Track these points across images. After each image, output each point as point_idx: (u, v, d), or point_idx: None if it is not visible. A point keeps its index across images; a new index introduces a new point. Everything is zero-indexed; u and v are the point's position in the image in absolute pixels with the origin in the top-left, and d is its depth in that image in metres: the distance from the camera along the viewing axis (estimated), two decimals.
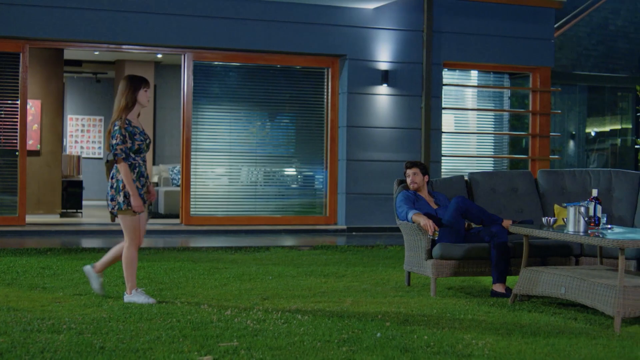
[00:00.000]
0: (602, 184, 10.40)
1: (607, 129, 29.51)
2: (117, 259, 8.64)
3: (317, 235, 15.47)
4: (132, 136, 8.22)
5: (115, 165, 8.24)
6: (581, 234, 8.17)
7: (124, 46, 15.59)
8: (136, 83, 8.31)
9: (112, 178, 8.29)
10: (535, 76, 17.55)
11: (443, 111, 16.82)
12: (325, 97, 16.33)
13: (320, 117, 16.34)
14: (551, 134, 18.01)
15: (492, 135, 17.81)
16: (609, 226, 8.73)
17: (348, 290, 9.54)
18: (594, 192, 8.68)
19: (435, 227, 9.21)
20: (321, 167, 16.35)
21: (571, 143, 28.21)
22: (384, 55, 16.14)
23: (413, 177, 9.84)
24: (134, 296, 8.27)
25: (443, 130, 16.77)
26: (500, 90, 17.94)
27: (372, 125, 16.07)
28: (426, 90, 16.14)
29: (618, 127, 28.87)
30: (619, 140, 28.06)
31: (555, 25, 28.52)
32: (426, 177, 9.99)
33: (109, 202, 8.31)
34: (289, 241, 14.42)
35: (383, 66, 16.13)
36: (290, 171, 16.58)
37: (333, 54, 16.11)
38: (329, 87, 16.27)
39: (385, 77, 16.05)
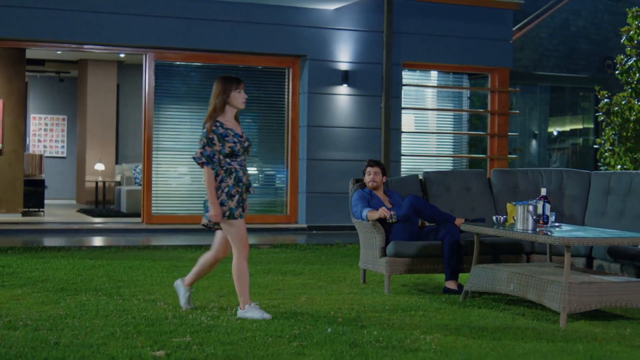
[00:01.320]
0: (554, 183, 10.62)
1: (569, 128, 29.85)
2: (205, 270, 8.16)
3: (277, 233, 15.62)
4: (222, 138, 7.73)
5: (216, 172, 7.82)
6: (529, 232, 8.38)
7: (85, 46, 15.68)
8: (227, 85, 7.89)
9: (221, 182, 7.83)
10: (494, 77, 17.79)
11: (403, 111, 17.02)
12: (286, 97, 16.48)
13: (282, 117, 16.50)
14: (509, 133, 18.25)
15: (452, 134, 18.02)
16: (557, 224, 8.95)
17: (304, 287, 9.70)
18: (543, 191, 8.89)
19: (391, 212, 9.45)
20: (282, 166, 16.51)
21: (533, 142, 28.52)
22: (344, 55, 16.32)
23: (374, 176, 10.01)
24: (248, 311, 7.68)
25: (403, 130, 16.97)
26: (459, 91, 18.16)
27: (333, 125, 16.24)
28: (386, 91, 16.32)
29: (580, 126, 29.21)
30: (580, 140, 28.37)
31: (517, 26, 28.85)
32: (384, 177, 10.18)
33: (205, 214, 7.93)
34: (249, 240, 14.52)
35: (343, 66, 16.31)
36: (253, 170, 16.71)
37: (294, 55, 16.27)
38: (290, 87, 16.43)
39: (345, 77, 16.23)
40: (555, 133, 29.71)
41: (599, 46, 30.02)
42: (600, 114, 19.02)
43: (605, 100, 18.63)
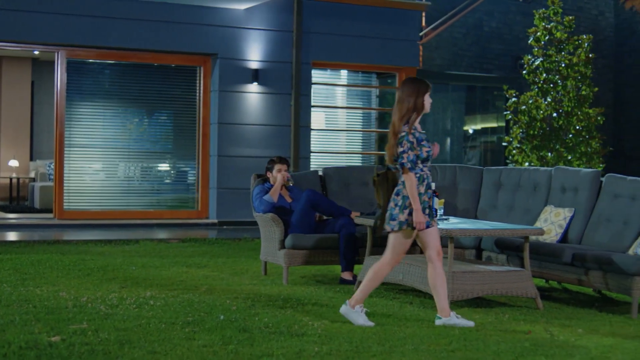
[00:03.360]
0: (448, 179, 11.10)
1: (483, 127, 30.51)
2: (380, 279, 7.74)
3: (188, 229, 15.89)
4: (419, 143, 7.43)
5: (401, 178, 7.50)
6: None
7: None
8: (422, 88, 7.49)
9: (396, 194, 7.52)
10: (402, 76, 18.26)
11: (312, 109, 17.40)
12: (197, 94, 16.76)
13: (193, 114, 16.78)
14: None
15: (361, 132, 18.46)
16: (446, 217, 9.40)
17: (206, 279, 10.03)
18: (432, 185, 9.31)
19: (287, 175, 9.93)
20: (194, 162, 16.78)
21: (449, 140, 29.10)
22: (254, 54, 16.65)
23: (284, 173, 10.35)
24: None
25: (312, 127, 17.34)
26: (368, 89, 18.60)
27: (243, 122, 16.56)
28: (295, 89, 16.70)
29: (494, 125, 29.86)
30: (495, 138, 28.98)
31: (432, 26, 29.44)
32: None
33: (389, 222, 7.52)
34: (160, 234, 14.82)
35: (254, 65, 16.63)
36: (165, 167, 16.97)
37: (205, 53, 16.55)
38: (201, 85, 16.71)
39: (255, 75, 16.56)
40: (470, 131, 30.36)
41: (511, 46, 30.70)
42: (508, 112, 19.62)
43: (513, 99, 19.23)
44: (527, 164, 18.83)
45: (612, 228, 9.39)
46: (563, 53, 19.10)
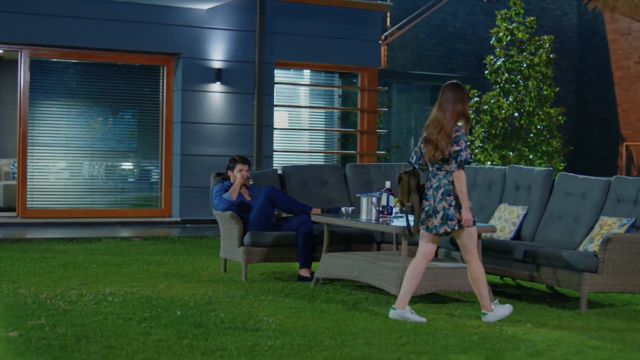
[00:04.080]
0: None
1: None
2: (419, 278, 7.97)
3: (151, 227, 15.98)
4: (466, 144, 7.72)
5: (444, 178, 7.71)
6: (372, 221, 8.99)
7: None
8: (467, 95, 7.87)
9: (447, 195, 7.68)
10: (364, 76, 18.42)
11: (275, 108, 17.53)
12: (160, 94, 16.85)
13: (156, 113, 16.85)
14: (378, 130, 18.91)
15: (324, 131, 18.62)
16: (400, 215, 9.57)
17: (166, 276, 10.16)
18: (387, 184, 9.51)
19: (247, 174, 10.08)
20: (157, 161, 16.87)
21: (413, 139, 29.32)
22: (217, 54, 16.76)
23: (245, 173, 10.47)
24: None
25: (275, 126, 17.48)
26: (330, 89, 18.76)
27: (206, 122, 16.67)
28: (258, 88, 16.82)
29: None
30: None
31: (396, 26, 29.65)
32: None
33: (448, 223, 7.69)
34: (122, 233, 14.90)
35: (217, 65, 16.74)
36: (129, 165, 17.05)
37: (168, 53, 16.64)
38: (164, 84, 16.80)
39: (218, 75, 16.67)
40: None
41: (475, 46, 30.99)
42: (471, 112, 19.84)
43: (476, 99, 19.46)
44: (489, 163, 19.06)
45: (563, 225, 9.60)
46: (525, 53, 19.35)
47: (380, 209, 9.21)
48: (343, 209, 9.56)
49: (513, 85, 19.11)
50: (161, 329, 7.02)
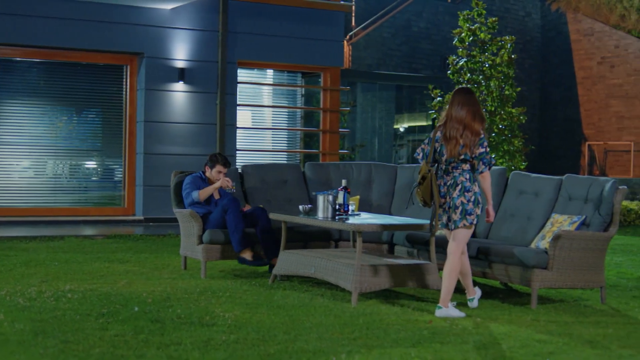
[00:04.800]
0: (363, 176, 11.46)
1: (413, 125, 31.02)
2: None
3: (115, 225, 16.07)
4: None
5: (460, 175, 8.09)
6: (328, 219, 9.16)
7: None
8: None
9: (467, 191, 8.08)
10: (326, 75, 18.58)
11: (239, 107, 17.67)
12: (124, 93, 16.94)
13: (120, 112, 16.94)
14: (340, 130, 19.09)
15: (286, 130, 18.77)
16: (357, 213, 9.75)
17: (127, 273, 10.27)
18: (343, 182, 9.67)
19: (233, 182, 10.14)
20: (120, 160, 16.96)
21: (378, 138, 29.56)
22: (180, 53, 16.88)
23: (222, 175, 10.54)
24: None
25: (238, 125, 17.61)
26: (293, 89, 18.92)
27: (169, 121, 16.78)
28: (221, 88, 16.96)
29: (424, 123, 30.38)
30: (424, 136, 29.41)
31: (361, 26, 29.86)
32: None
33: (466, 217, 8.09)
34: (85, 231, 14.99)
35: (180, 64, 16.86)
36: (93, 164, 17.13)
37: (131, 52, 16.74)
38: (128, 83, 16.89)
39: (181, 74, 16.78)
40: (401, 129, 30.84)
41: (440, 46, 31.27)
42: (433, 111, 20.06)
43: (438, 98, 19.67)
44: None
45: (516, 223, 9.81)
46: (487, 54, 19.56)
47: (337, 207, 9.37)
48: (300, 207, 9.71)
49: (475, 85, 19.32)
50: (118, 324, 7.15)
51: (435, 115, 19.94)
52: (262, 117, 18.65)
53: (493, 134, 19.15)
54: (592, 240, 8.88)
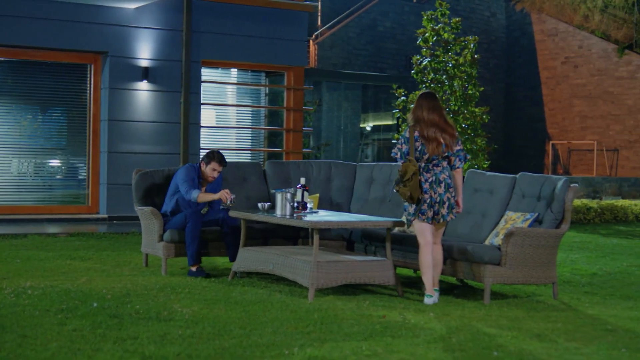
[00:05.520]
0: (323, 174, 11.62)
1: (379, 124, 31.22)
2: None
3: (78, 224, 16.12)
4: None
5: (441, 173, 8.80)
6: (286, 216, 9.32)
7: None
8: None
9: (450, 187, 8.83)
10: (290, 75, 18.72)
11: (203, 106, 17.78)
12: (88, 92, 17.01)
13: (84, 111, 17.00)
14: (304, 129, 19.24)
15: (250, 129, 18.90)
16: (315, 210, 9.92)
17: (88, 270, 10.38)
18: (302, 180, 9.85)
19: (232, 196, 10.13)
20: (84, 158, 17.02)
21: (343, 137, 29.72)
22: (144, 52, 16.96)
23: (217, 174, 10.55)
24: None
25: (202, 124, 17.73)
26: (257, 88, 19.05)
27: (133, 119, 16.86)
28: (185, 87, 17.05)
29: (389, 122, 30.57)
30: (390, 135, 29.61)
31: (327, 26, 30.02)
32: None
33: (452, 211, 8.89)
34: (49, 229, 15.04)
35: (144, 63, 16.94)
36: (57, 163, 17.18)
37: (95, 51, 16.80)
38: (92, 82, 16.95)
39: (145, 73, 16.87)
40: (367, 128, 31.03)
41: (405, 46, 31.49)
42: (397, 110, 20.22)
43: (402, 98, 19.84)
44: None
45: (472, 220, 10.01)
46: (450, 54, 19.73)
47: (295, 204, 9.53)
48: (259, 205, 9.86)
49: (439, 85, 19.49)
50: (77, 319, 7.28)
51: (399, 115, 20.08)
52: (227, 116, 18.78)
53: (456, 133, 19.31)
54: (544, 237, 9.09)
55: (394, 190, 8.87)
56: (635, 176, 29.28)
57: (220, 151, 10.53)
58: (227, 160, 10.58)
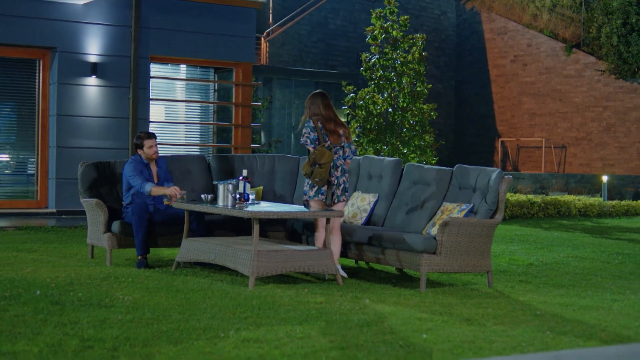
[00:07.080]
0: (267, 167, 11.84)
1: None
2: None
3: (27, 218, 16.19)
4: None
5: (338, 159, 9.91)
6: (228, 207, 9.53)
7: None
8: None
9: (345, 172, 9.94)
10: (238, 71, 18.91)
11: (152, 102, 17.93)
12: (36, 87, 17.09)
13: (33, 106, 17.09)
14: (252, 124, 19.44)
15: (199, 125, 19.06)
16: (257, 202, 10.14)
17: (34, 262, 10.52)
18: (244, 172, 10.06)
19: (183, 192, 10.28)
20: (33, 153, 17.10)
21: (294, 134, 29.91)
22: (93, 48, 17.07)
23: (155, 147, 10.79)
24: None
25: (151, 119, 17.87)
26: (206, 84, 19.21)
27: (82, 115, 16.97)
28: (133, 82, 17.19)
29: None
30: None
31: (278, 23, 30.23)
32: None
33: (345, 194, 9.90)
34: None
35: (92, 59, 17.05)
36: (6, 158, 17.24)
37: (44, 46, 16.88)
38: (40, 77, 17.04)
39: (94, 69, 16.99)
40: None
41: (356, 44, 31.77)
42: (346, 107, 20.47)
43: (351, 94, 20.09)
44: None
45: (410, 211, 10.28)
46: (398, 51, 19.99)
47: (237, 195, 9.74)
48: (202, 196, 10.06)
49: (387, 82, 19.76)
50: (19, 306, 7.44)
51: (348, 112, 20.33)
52: (176, 111, 18.93)
53: (404, 130, 19.61)
54: (478, 227, 9.38)
55: (309, 172, 9.70)
56: (582, 172, 29.78)
57: (169, 146, 10.73)
58: (174, 155, 10.77)
